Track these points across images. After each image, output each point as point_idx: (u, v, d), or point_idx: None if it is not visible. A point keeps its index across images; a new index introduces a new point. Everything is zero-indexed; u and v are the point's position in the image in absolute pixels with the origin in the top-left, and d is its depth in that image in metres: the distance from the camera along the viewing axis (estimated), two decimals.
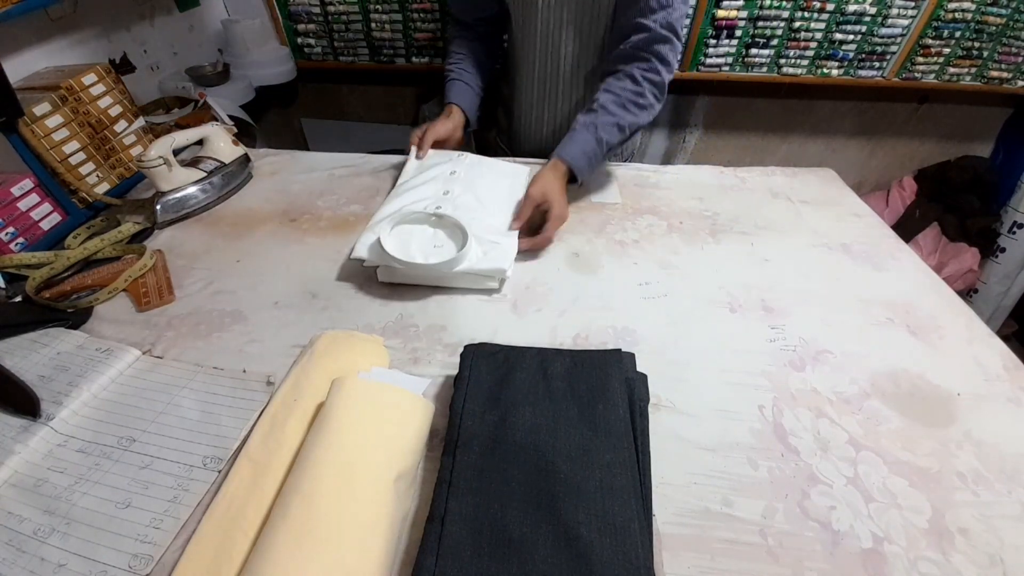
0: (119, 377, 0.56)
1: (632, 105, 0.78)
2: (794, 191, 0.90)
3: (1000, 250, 1.71)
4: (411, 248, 0.68)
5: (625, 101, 0.78)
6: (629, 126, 0.79)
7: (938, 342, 0.61)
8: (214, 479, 0.46)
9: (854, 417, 0.52)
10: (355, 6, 1.55)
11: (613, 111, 0.78)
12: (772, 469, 0.47)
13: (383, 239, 0.65)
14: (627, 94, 0.78)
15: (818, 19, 1.44)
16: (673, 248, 0.75)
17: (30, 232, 0.76)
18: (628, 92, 0.78)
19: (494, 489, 0.41)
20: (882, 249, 0.77)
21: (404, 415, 0.48)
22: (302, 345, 0.59)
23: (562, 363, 0.51)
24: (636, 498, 0.41)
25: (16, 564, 0.40)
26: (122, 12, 1.13)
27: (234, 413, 0.51)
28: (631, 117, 0.78)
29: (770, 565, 0.41)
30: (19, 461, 0.47)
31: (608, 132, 0.78)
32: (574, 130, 0.79)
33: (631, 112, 0.78)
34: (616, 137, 0.79)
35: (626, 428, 0.45)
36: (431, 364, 0.57)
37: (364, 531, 0.39)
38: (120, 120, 0.90)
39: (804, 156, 1.82)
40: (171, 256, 0.75)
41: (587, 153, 0.78)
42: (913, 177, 1.81)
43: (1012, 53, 1.46)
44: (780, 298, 0.67)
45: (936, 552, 0.41)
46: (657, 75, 0.79)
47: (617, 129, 0.78)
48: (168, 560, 0.40)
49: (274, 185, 0.93)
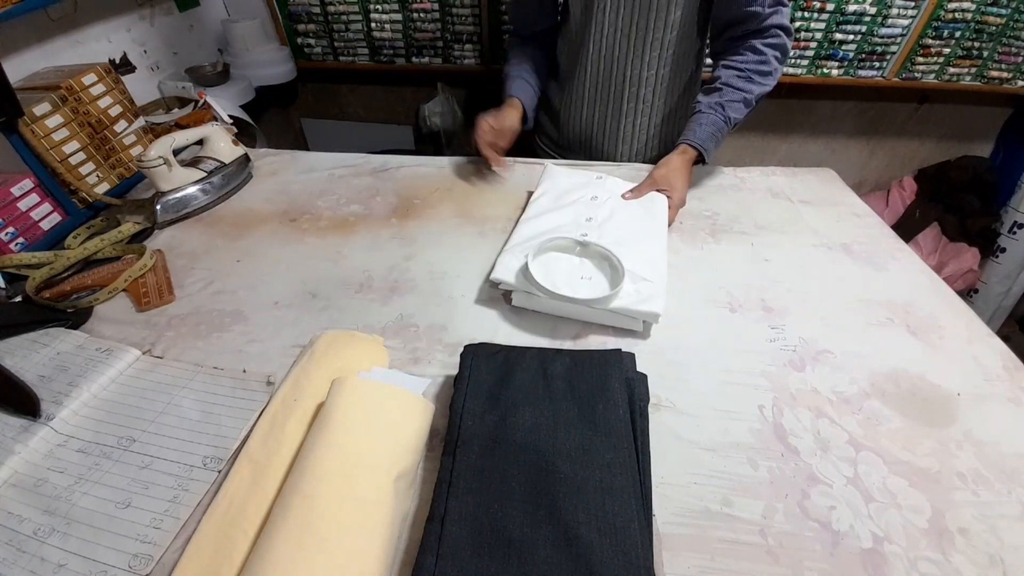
0: (119, 377, 0.56)
1: (757, 75, 0.80)
2: (794, 191, 0.90)
3: (1000, 250, 1.71)
4: (556, 278, 0.62)
5: (750, 73, 0.79)
6: (757, 97, 0.80)
7: (938, 342, 0.61)
8: (214, 479, 0.46)
9: (854, 417, 0.52)
10: (355, 6, 1.55)
11: (739, 86, 0.79)
12: (772, 469, 0.47)
13: (531, 266, 0.61)
14: (751, 65, 0.79)
15: (818, 19, 1.44)
16: (673, 248, 0.75)
17: (30, 232, 0.76)
18: (751, 63, 0.79)
19: (494, 489, 0.41)
20: (882, 249, 0.77)
21: (404, 415, 0.48)
22: (302, 345, 0.59)
23: (562, 363, 0.51)
24: (636, 498, 0.41)
25: (16, 564, 0.40)
26: (122, 12, 1.13)
27: (234, 413, 0.51)
28: (758, 88, 0.80)
29: (770, 565, 0.41)
30: (19, 461, 0.47)
31: (735, 109, 0.80)
32: (699, 112, 0.81)
33: (756, 83, 0.80)
34: (743, 112, 0.80)
35: (626, 428, 0.45)
36: (431, 364, 0.57)
37: (364, 531, 0.39)
38: (120, 120, 0.90)
39: (804, 156, 1.82)
40: (171, 256, 0.75)
41: (715, 135, 0.80)
42: (913, 177, 1.81)
43: (1012, 53, 1.46)
44: (780, 298, 0.67)
45: (936, 552, 0.41)
46: (778, 38, 0.79)
47: (744, 104, 0.80)
48: (168, 560, 0.40)
49: (274, 185, 0.93)
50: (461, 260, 0.73)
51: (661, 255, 0.68)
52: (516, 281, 0.62)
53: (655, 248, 0.69)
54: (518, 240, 0.70)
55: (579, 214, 0.75)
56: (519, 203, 0.84)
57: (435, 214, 0.84)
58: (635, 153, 1.00)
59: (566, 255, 0.68)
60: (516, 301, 0.64)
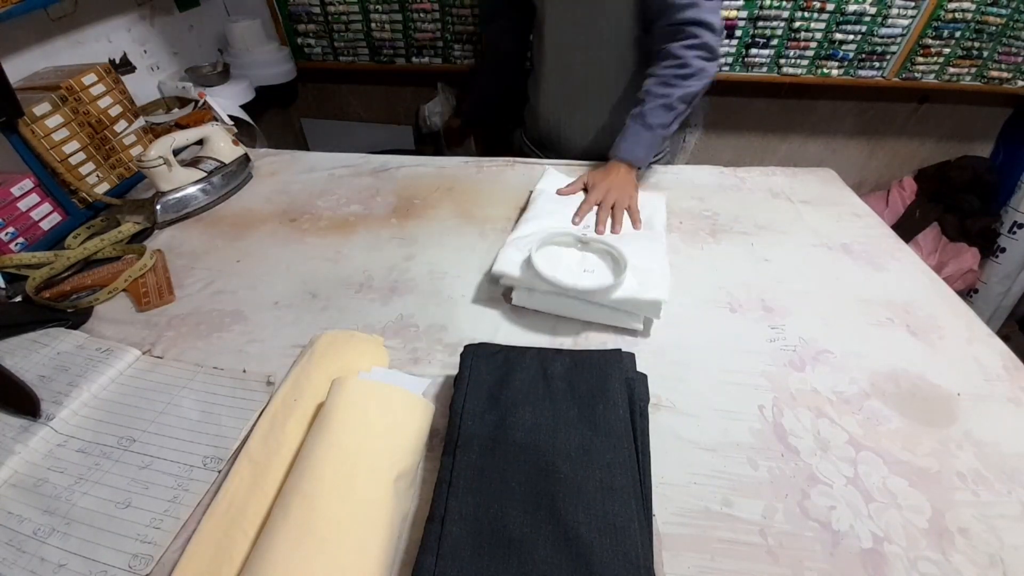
0: (119, 377, 0.56)
1: (676, 79, 0.80)
2: (794, 191, 0.90)
3: (1000, 250, 1.71)
4: (559, 271, 0.61)
5: (668, 78, 0.80)
6: (679, 99, 0.81)
7: (938, 342, 0.61)
8: (214, 479, 0.46)
9: (854, 417, 0.52)
10: (355, 6, 1.55)
11: (659, 92, 0.80)
12: (772, 469, 0.47)
13: (534, 257, 0.60)
14: (668, 71, 0.80)
15: (818, 19, 1.44)
16: (673, 248, 0.75)
17: (30, 232, 0.76)
18: (670, 68, 0.80)
19: (494, 489, 0.41)
20: (882, 249, 0.77)
21: (404, 415, 0.48)
22: (302, 345, 0.59)
23: (562, 363, 0.51)
24: (636, 498, 0.41)
25: (16, 564, 0.40)
26: (122, 12, 1.13)
27: (234, 413, 0.51)
28: (679, 91, 0.80)
29: (770, 565, 0.41)
30: (19, 461, 0.47)
31: (657, 115, 0.81)
32: (626, 127, 0.83)
33: (677, 86, 0.80)
34: (667, 116, 0.81)
35: (626, 428, 0.45)
36: (431, 364, 0.57)
37: (364, 531, 0.39)
38: (120, 120, 0.90)
39: (804, 156, 1.82)
40: (171, 256, 0.75)
41: (641, 144, 0.82)
42: (913, 177, 1.81)
43: (1012, 53, 1.45)
44: (780, 298, 0.67)
45: (936, 552, 0.41)
46: (696, 38, 0.79)
47: (665, 109, 0.80)
48: (168, 560, 0.40)
49: (274, 185, 0.93)
50: (461, 260, 0.73)
51: (661, 251, 0.68)
52: (518, 273, 0.62)
53: (655, 246, 0.69)
54: (519, 235, 0.70)
55: None
56: (519, 203, 0.84)
57: (435, 214, 0.84)
58: (594, 147, 1.00)
59: (568, 249, 0.68)
60: (516, 300, 0.64)
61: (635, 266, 0.62)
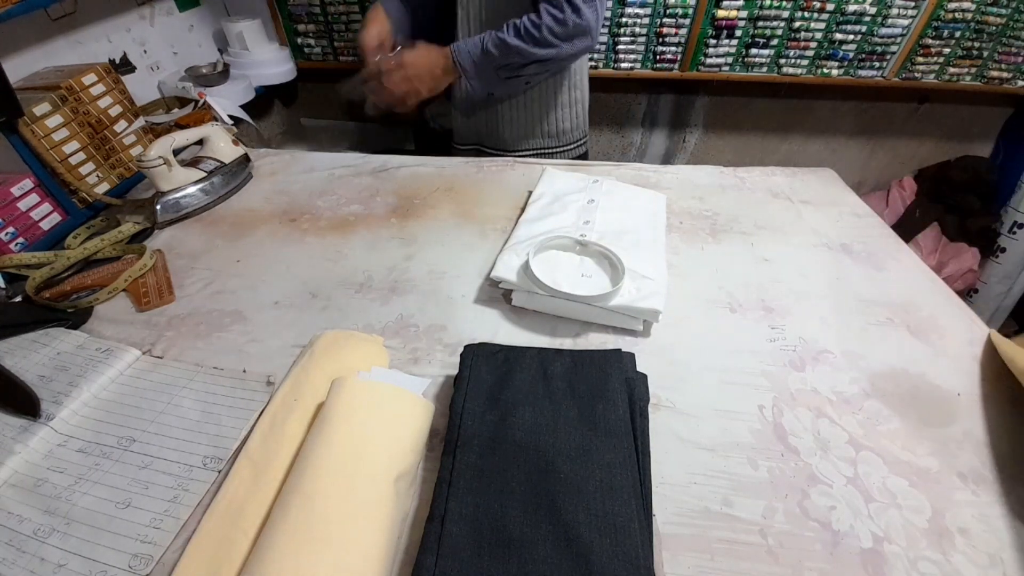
0: (119, 377, 0.56)
1: (525, 32, 0.82)
2: (794, 191, 0.90)
3: (1000, 250, 1.71)
4: (557, 276, 0.62)
5: (521, 27, 0.82)
6: (515, 50, 0.82)
7: (938, 342, 0.61)
8: (214, 479, 0.46)
9: (854, 417, 0.52)
10: (355, 6, 1.55)
11: (505, 31, 0.83)
12: (772, 469, 0.47)
13: (531, 263, 0.61)
14: (525, 22, 0.82)
15: (818, 19, 1.44)
16: (673, 248, 0.75)
17: (30, 232, 0.76)
18: (526, 21, 0.82)
19: (494, 489, 0.41)
20: (882, 249, 0.77)
21: (404, 415, 0.48)
22: (302, 345, 0.59)
23: (562, 363, 0.51)
24: (636, 498, 0.41)
25: (16, 564, 0.40)
26: (122, 12, 1.13)
27: (234, 413, 0.51)
28: (518, 42, 0.82)
29: (770, 565, 0.41)
30: (19, 461, 0.47)
31: (494, 44, 0.83)
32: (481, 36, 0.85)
33: (521, 39, 0.82)
34: (497, 51, 0.83)
35: (626, 428, 0.45)
36: (431, 364, 0.57)
37: (364, 531, 0.39)
38: (120, 120, 0.90)
39: (804, 156, 1.82)
40: (171, 256, 0.75)
41: (471, 52, 0.85)
42: (913, 177, 1.81)
43: (1012, 53, 1.46)
44: (780, 298, 0.67)
45: (936, 552, 0.41)
46: (560, 12, 0.80)
47: (500, 44, 0.83)
48: (168, 560, 0.40)
49: (274, 185, 0.93)
50: (461, 260, 0.73)
51: (660, 255, 0.68)
52: (516, 279, 0.62)
53: (654, 248, 0.69)
54: (518, 239, 0.70)
55: (577, 217, 0.75)
56: (519, 203, 0.84)
57: (435, 214, 0.84)
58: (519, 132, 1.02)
59: (566, 254, 0.68)
60: (516, 301, 0.64)
61: (633, 271, 0.62)
